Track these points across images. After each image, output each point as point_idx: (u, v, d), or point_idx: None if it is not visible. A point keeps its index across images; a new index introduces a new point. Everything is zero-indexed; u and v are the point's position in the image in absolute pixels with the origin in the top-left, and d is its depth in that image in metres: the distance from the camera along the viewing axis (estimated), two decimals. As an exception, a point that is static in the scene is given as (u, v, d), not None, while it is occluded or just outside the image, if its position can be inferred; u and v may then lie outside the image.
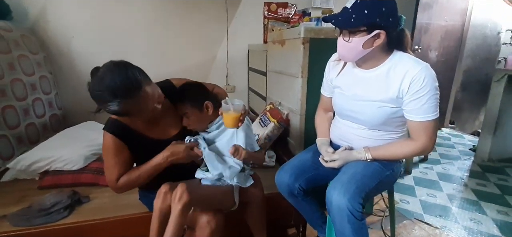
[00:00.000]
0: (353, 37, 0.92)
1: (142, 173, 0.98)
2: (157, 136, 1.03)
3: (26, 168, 1.36)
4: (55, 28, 2.06)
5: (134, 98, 0.86)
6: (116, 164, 0.96)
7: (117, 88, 0.82)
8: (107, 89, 0.82)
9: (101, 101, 0.85)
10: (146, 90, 0.88)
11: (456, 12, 3.07)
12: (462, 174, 2.24)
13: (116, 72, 0.84)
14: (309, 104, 1.48)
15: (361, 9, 0.88)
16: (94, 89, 0.84)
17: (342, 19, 0.92)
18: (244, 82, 2.72)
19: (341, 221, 0.91)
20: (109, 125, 0.97)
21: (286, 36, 1.60)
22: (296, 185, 1.10)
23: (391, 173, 1.06)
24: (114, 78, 0.83)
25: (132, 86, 0.85)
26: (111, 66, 0.85)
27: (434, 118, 0.94)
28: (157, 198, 0.94)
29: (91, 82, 0.85)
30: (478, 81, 3.43)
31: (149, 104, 0.91)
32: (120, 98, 0.84)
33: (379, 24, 0.89)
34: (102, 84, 0.82)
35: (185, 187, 0.89)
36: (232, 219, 1.13)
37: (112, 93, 0.83)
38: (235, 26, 2.54)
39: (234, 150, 0.99)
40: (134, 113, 0.90)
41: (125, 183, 0.96)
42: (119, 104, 0.84)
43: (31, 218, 1.08)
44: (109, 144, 0.95)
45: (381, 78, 0.98)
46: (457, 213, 1.70)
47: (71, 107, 2.18)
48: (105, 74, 0.83)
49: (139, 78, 0.87)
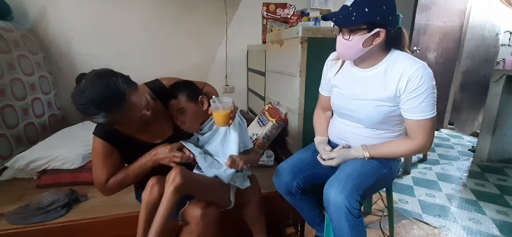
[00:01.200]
0: (353, 35, 0.92)
1: (130, 173, 0.97)
2: (149, 139, 1.01)
3: (24, 167, 1.36)
4: (55, 28, 2.07)
5: (119, 110, 0.82)
6: (105, 167, 0.95)
7: (100, 101, 0.79)
8: (90, 102, 0.79)
9: (85, 114, 0.82)
10: (131, 100, 0.84)
11: (454, 13, 3.08)
12: (461, 174, 2.24)
13: (97, 83, 0.80)
14: (307, 103, 1.48)
15: (362, 7, 0.88)
16: (76, 102, 0.80)
17: (343, 17, 0.91)
18: (243, 83, 2.73)
19: (339, 218, 0.91)
20: (99, 129, 0.95)
21: (285, 36, 1.61)
22: (294, 183, 1.10)
23: (389, 171, 1.06)
24: (95, 91, 0.79)
25: (115, 98, 0.81)
26: (93, 77, 0.81)
27: (431, 117, 0.94)
28: (145, 191, 0.94)
29: (74, 92, 0.81)
30: (476, 82, 3.44)
31: (136, 113, 0.87)
32: (104, 111, 0.81)
33: (379, 23, 0.89)
34: (83, 96, 0.79)
35: (179, 170, 0.89)
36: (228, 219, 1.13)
37: (95, 106, 0.79)
38: (234, 27, 2.55)
39: (231, 162, 0.95)
40: (121, 122, 0.88)
41: (113, 185, 0.96)
42: (104, 116, 0.82)
43: (28, 217, 1.08)
44: (98, 148, 0.94)
45: (378, 77, 0.99)
46: (456, 213, 1.69)
47: (70, 107, 2.13)
48: (87, 87, 0.79)
49: (122, 88, 0.82)
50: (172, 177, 0.89)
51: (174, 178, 0.88)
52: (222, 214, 1.04)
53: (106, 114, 0.81)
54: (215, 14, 2.46)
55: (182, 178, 0.89)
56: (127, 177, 0.97)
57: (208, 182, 1.00)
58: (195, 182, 0.96)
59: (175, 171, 0.90)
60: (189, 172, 0.95)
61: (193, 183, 0.95)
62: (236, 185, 1.08)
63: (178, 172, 0.89)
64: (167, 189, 0.89)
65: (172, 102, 1.00)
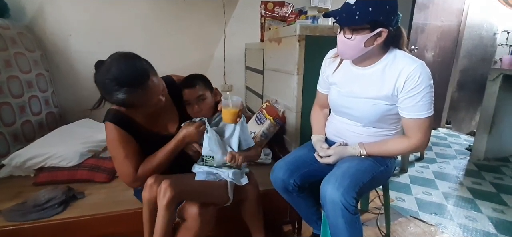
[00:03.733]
0: (356, 35, 0.91)
1: (162, 159, 0.97)
2: (157, 130, 1.03)
3: (21, 164, 1.36)
4: (52, 26, 2.06)
5: (141, 88, 0.86)
6: (127, 157, 0.93)
7: (125, 77, 0.82)
8: (114, 78, 0.82)
9: (108, 90, 0.84)
10: (152, 80, 0.88)
11: (452, 12, 3.09)
12: (458, 172, 2.25)
13: (123, 62, 0.84)
14: (305, 101, 1.48)
15: (366, 6, 0.86)
16: (100, 78, 0.83)
17: (346, 16, 0.90)
18: (241, 81, 2.72)
19: (335, 215, 0.92)
20: (111, 116, 0.95)
21: (282, 34, 1.61)
22: (291, 181, 1.11)
23: (385, 168, 1.06)
24: (121, 68, 0.83)
25: (139, 75, 0.85)
26: (118, 57, 0.85)
27: (429, 116, 0.94)
28: (144, 190, 0.94)
29: (97, 72, 0.85)
30: (474, 82, 3.45)
31: (155, 95, 0.91)
32: (127, 87, 0.83)
33: (382, 22, 0.88)
34: (109, 73, 0.82)
35: (168, 183, 0.88)
36: (226, 216, 1.13)
37: (119, 83, 0.82)
38: (233, 25, 2.55)
39: (230, 158, 1.00)
40: (139, 104, 0.89)
41: (146, 173, 0.94)
42: (125, 93, 0.83)
43: (25, 214, 1.08)
44: (114, 135, 0.93)
45: (377, 75, 0.99)
46: (452, 211, 1.71)
47: (68, 105, 2.18)
48: (112, 64, 0.83)
49: (146, 68, 0.88)
50: (163, 191, 0.87)
51: (165, 192, 0.87)
52: (220, 211, 1.05)
53: (128, 90, 0.84)
54: (214, 13, 2.45)
55: (173, 190, 0.87)
56: (160, 164, 0.96)
57: (202, 186, 1.00)
58: (188, 189, 0.96)
59: (164, 184, 0.88)
60: (179, 180, 0.93)
61: (186, 191, 0.95)
62: (234, 182, 1.08)
63: (168, 185, 0.87)
64: (160, 204, 0.88)
65: (190, 90, 1.03)
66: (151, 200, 0.93)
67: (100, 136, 1.59)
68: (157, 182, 0.93)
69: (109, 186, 1.35)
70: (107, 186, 1.35)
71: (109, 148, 0.96)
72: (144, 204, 0.95)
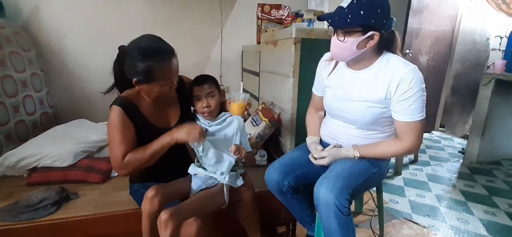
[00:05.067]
0: (348, 37, 0.93)
1: (148, 149, 0.97)
2: (158, 124, 1.06)
3: (14, 164, 1.35)
4: (48, 26, 2.05)
5: (164, 62, 0.95)
6: (122, 142, 0.95)
7: (152, 49, 0.94)
8: (141, 49, 0.93)
9: (134, 60, 0.93)
10: (174, 59, 0.99)
11: (445, 18, 3.14)
12: (451, 175, 2.28)
13: (152, 38, 0.98)
14: (300, 103, 1.49)
15: (357, 9, 0.88)
16: (128, 48, 0.96)
17: (338, 19, 0.92)
18: (237, 83, 2.73)
19: (328, 216, 0.93)
20: (119, 100, 0.99)
21: (279, 36, 1.62)
22: (285, 182, 1.11)
23: (378, 170, 1.08)
24: (149, 42, 0.96)
25: (165, 51, 0.96)
26: (146, 35, 0.99)
27: (421, 119, 0.96)
28: (145, 202, 0.94)
29: (123, 51, 0.98)
30: (467, 86, 3.51)
31: (173, 75, 1.00)
32: (151, 60, 0.93)
33: (373, 25, 0.90)
34: (138, 45, 0.95)
35: (168, 214, 0.87)
36: (222, 218, 1.13)
37: (146, 52, 0.93)
38: (230, 27, 2.56)
39: (236, 149, 1.04)
40: (158, 78, 0.96)
41: (130, 160, 0.95)
42: (152, 61, 0.92)
43: (17, 214, 1.07)
44: (117, 119, 0.96)
45: (370, 78, 1.00)
46: (445, 213, 1.73)
47: (63, 105, 2.17)
48: (141, 39, 0.97)
49: (171, 47, 0.99)
50: (163, 224, 0.87)
51: (166, 225, 0.86)
52: (216, 213, 1.05)
53: (154, 59, 0.93)
54: (211, 14, 2.46)
55: (173, 222, 0.87)
56: (144, 154, 0.97)
57: (200, 201, 1.00)
58: (187, 213, 0.94)
59: (165, 215, 0.87)
60: (179, 208, 0.92)
61: (185, 215, 0.93)
62: (229, 184, 1.09)
63: (168, 215, 0.86)
64: (163, 235, 0.88)
65: (201, 86, 1.10)
66: (151, 213, 0.93)
67: (95, 136, 1.58)
68: (159, 194, 0.93)
69: (103, 186, 1.34)
70: (101, 187, 1.34)
71: (108, 130, 0.98)
72: (144, 215, 0.95)
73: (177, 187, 1.05)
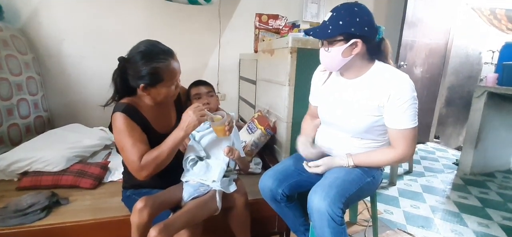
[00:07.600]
0: (332, 47, 0.98)
1: (164, 147, 0.97)
2: (159, 128, 1.07)
3: (5, 168, 1.33)
4: (46, 30, 2.06)
5: (168, 61, 0.98)
6: (135, 144, 0.95)
7: (152, 53, 0.96)
8: (142, 53, 0.95)
9: (136, 65, 0.95)
10: (174, 62, 1.01)
11: (439, 31, 3.21)
12: (445, 186, 2.29)
13: (150, 41, 1.01)
14: (296, 112, 1.50)
15: (337, 20, 0.95)
16: (129, 56, 0.97)
17: (320, 30, 0.99)
18: (234, 91, 2.74)
19: (321, 225, 0.92)
20: (120, 107, 0.99)
21: (275, 45, 1.64)
22: (279, 190, 1.11)
23: (372, 180, 1.08)
24: (149, 46, 0.98)
25: (165, 52, 0.99)
26: (146, 41, 1.01)
27: (413, 127, 0.98)
28: (134, 214, 0.92)
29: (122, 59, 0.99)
30: (461, 98, 3.56)
31: (175, 76, 1.02)
32: (155, 59, 0.95)
33: (354, 33, 0.95)
34: (138, 49, 0.97)
35: (157, 231, 0.85)
36: (213, 224, 1.12)
37: (146, 56, 0.95)
38: (227, 35, 2.58)
39: (228, 150, 1.05)
40: (164, 78, 0.98)
41: (148, 162, 0.95)
42: (155, 63, 0.95)
43: (6, 219, 1.05)
44: (122, 124, 0.96)
45: (363, 87, 1.02)
46: (439, 224, 1.72)
47: (58, 109, 2.15)
48: (141, 43, 0.99)
49: (171, 50, 1.03)
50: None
51: None
52: (207, 221, 1.04)
53: (156, 62, 0.96)
54: (209, 22, 2.49)
55: (164, 235, 0.85)
56: (162, 152, 0.96)
57: (191, 212, 0.98)
58: (178, 223, 0.93)
59: (154, 232, 0.84)
60: (169, 223, 0.90)
61: (177, 225, 0.92)
62: (222, 190, 1.08)
63: (157, 232, 0.84)
64: None
65: (200, 87, 1.18)
66: (140, 225, 0.91)
67: (88, 141, 1.57)
68: (148, 206, 0.91)
69: (95, 192, 1.33)
70: (93, 192, 1.32)
71: (116, 139, 0.98)
72: (133, 228, 0.93)
73: (167, 196, 1.03)
